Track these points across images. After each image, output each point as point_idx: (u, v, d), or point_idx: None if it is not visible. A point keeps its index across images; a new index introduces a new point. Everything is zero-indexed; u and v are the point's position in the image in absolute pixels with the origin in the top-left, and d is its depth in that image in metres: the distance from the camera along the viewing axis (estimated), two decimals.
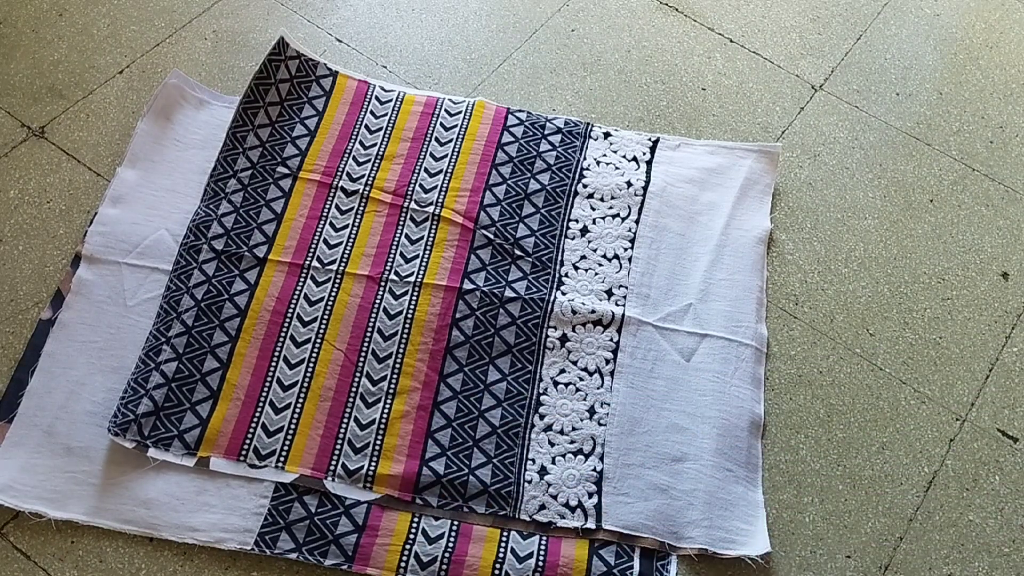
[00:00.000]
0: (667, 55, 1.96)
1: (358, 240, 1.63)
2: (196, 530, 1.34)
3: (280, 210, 1.66)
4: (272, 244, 1.61)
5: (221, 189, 1.66)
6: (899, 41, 2.01)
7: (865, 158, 1.81)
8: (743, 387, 1.51)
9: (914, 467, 1.47)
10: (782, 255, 1.68)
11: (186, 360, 1.47)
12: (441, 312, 1.55)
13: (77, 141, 1.74)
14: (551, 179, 1.73)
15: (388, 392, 1.48)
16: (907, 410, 1.52)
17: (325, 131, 1.76)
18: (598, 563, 1.34)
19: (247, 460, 1.40)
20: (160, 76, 1.83)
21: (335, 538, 1.34)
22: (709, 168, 1.76)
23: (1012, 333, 1.61)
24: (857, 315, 1.62)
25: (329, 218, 1.66)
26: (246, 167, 1.69)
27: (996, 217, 1.74)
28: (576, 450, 1.45)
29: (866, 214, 1.74)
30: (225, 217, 1.63)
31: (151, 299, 1.54)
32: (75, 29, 1.90)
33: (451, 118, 1.79)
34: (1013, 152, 1.84)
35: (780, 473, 1.46)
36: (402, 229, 1.65)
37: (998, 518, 1.43)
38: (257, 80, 1.76)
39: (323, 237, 1.63)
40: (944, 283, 1.66)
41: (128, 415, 1.40)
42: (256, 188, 1.67)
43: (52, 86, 1.81)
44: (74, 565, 1.32)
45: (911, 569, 1.38)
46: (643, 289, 1.61)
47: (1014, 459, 1.48)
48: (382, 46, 1.93)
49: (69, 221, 1.64)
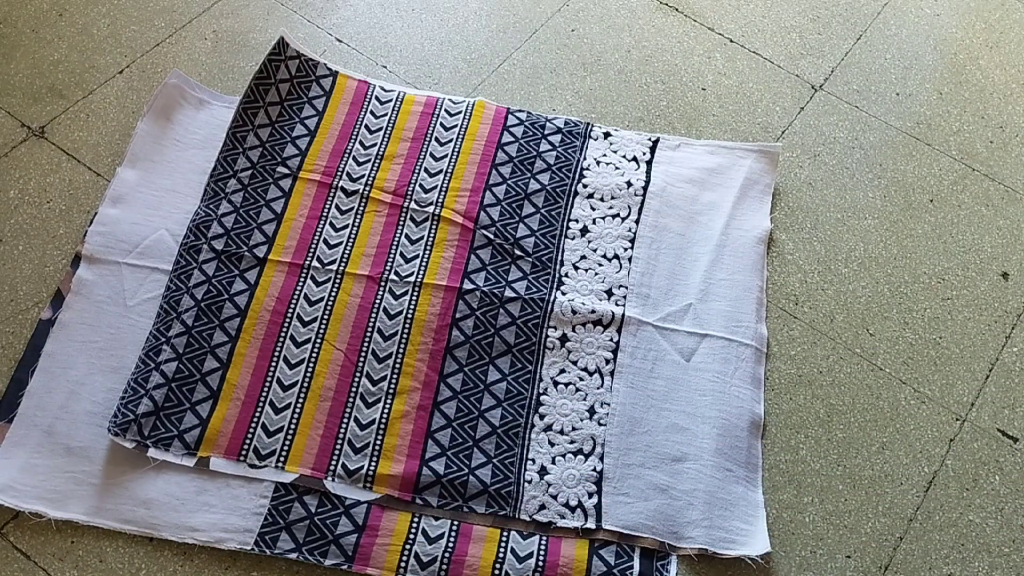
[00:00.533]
0: (667, 55, 1.96)
1: (358, 240, 1.63)
2: (196, 530, 1.34)
3: (280, 210, 1.66)
4: (272, 244, 1.61)
5: (221, 189, 1.66)
6: (899, 41, 2.01)
7: (865, 158, 1.81)
8: (743, 387, 1.51)
9: (914, 467, 1.47)
10: (782, 255, 1.68)
11: (186, 360, 1.47)
12: (441, 312, 1.55)
13: (77, 141, 1.74)
14: (551, 179, 1.73)
15: (388, 392, 1.48)
16: (907, 410, 1.52)
17: (325, 131, 1.76)
18: (598, 563, 1.34)
19: (247, 460, 1.40)
20: (160, 76, 1.83)
21: (335, 538, 1.34)
22: (709, 168, 1.76)
23: (1012, 333, 1.61)
24: (857, 315, 1.62)
25: (329, 218, 1.66)
26: (246, 167, 1.69)
27: (996, 217, 1.74)
28: (576, 450, 1.45)
29: (866, 214, 1.74)
30: (225, 217, 1.63)
31: (151, 299, 1.54)
32: (75, 29, 1.90)
33: (451, 118, 1.79)
34: (1013, 152, 1.84)
35: (780, 473, 1.46)
36: (402, 229, 1.65)
37: (998, 518, 1.43)
38: (257, 80, 1.76)
39: (323, 237, 1.63)
40: (944, 283, 1.66)
41: (128, 415, 1.40)
42: (256, 188, 1.67)
43: (52, 86, 1.81)
44: (74, 565, 1.32)
45: (911, 569, 1.38)
46: (643, 289, 1.61)
47: (1014, 459, 1.48)
48: (382, 46, 1.93)
49: (69, 221, 1.64)
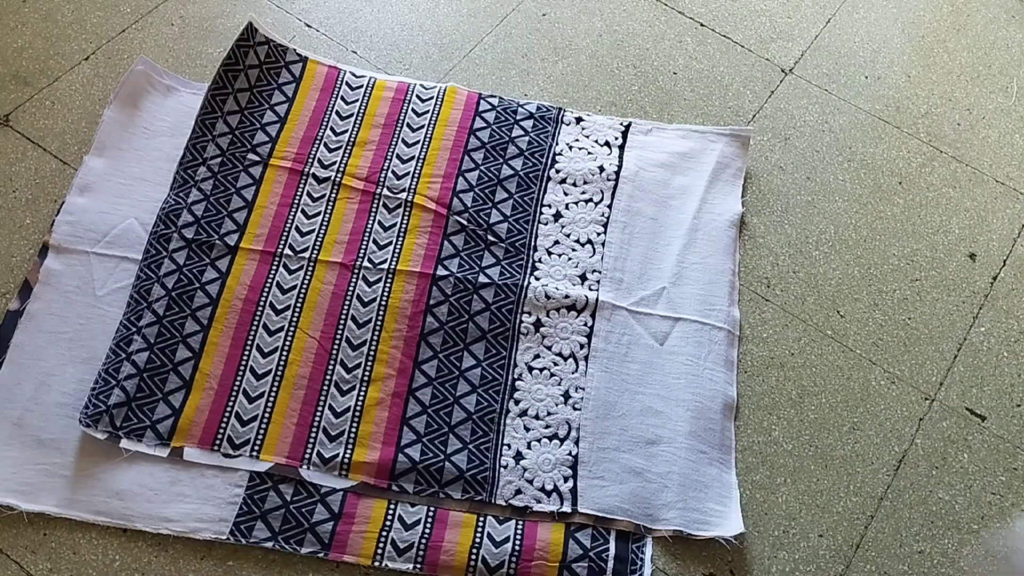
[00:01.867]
0: (638, 39, 1.96)
1: (330, 227, 1.62)
2: (170, 520, 1.34)
3: (251, 197, 1.64)
4: (243, 232, 1.60)
5: (191, 177, 1.65)
6: (868, 24, 2.02)
7: (835, 141, 1.83)
8: (716, 370, 1.52)
9: (884, 446, 1.49)
10: (754, 238, 1.69)
11: (158, 350, 1.46)
12: (415, 299, 1.55)
13: (43, 129, 1.71)
14: (524, 164, 1.72)
15: (363, 379, 1.48)
16: (877, 390, 1.54)
17: (296, 117, 1.74)
18: (574, 546, 1.35)
19: (221, 449, 1.40)
20: (126, 63, 1.80)
21: (311, 526, 1.34)
22: (681, 152, 1.77)
23: (979, 313, 1.63)
24: (828, 297, 1.63)
25: (301, 205, 1.64)
26: (216, 154, 1.68)
27: (963, 199, 1.76)
28: (551, 435, 1.45)
29: (836, 196, 1.75)
30: (195, 205, 1.61)
31: (121, 289, 1.53)
32: (39, 15, 1.87)
33: (423, 104, 1.78)
34: (980, 134, 1.86)
35: (753, 454, 1.47)
36: (375, 216, 1.64)
37: (967, 495, 1.45)
38: (226, 66, 1.74)
39: (295, 224, 1.62)
40: (913, 264, 1.68)
41: (99, 406, 1.39)
42: (226, 175, 1.66)
43: (16, 73, 1.78)
44: (47, 557, 1.31)
45: (882, 547, 1.40)
46: (616, 274, 1.61)
47: (982, 437, 1.51)
48: (352, 31, 1.91)
49: (36, 210, 1.61)
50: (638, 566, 1.34)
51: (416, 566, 1.32)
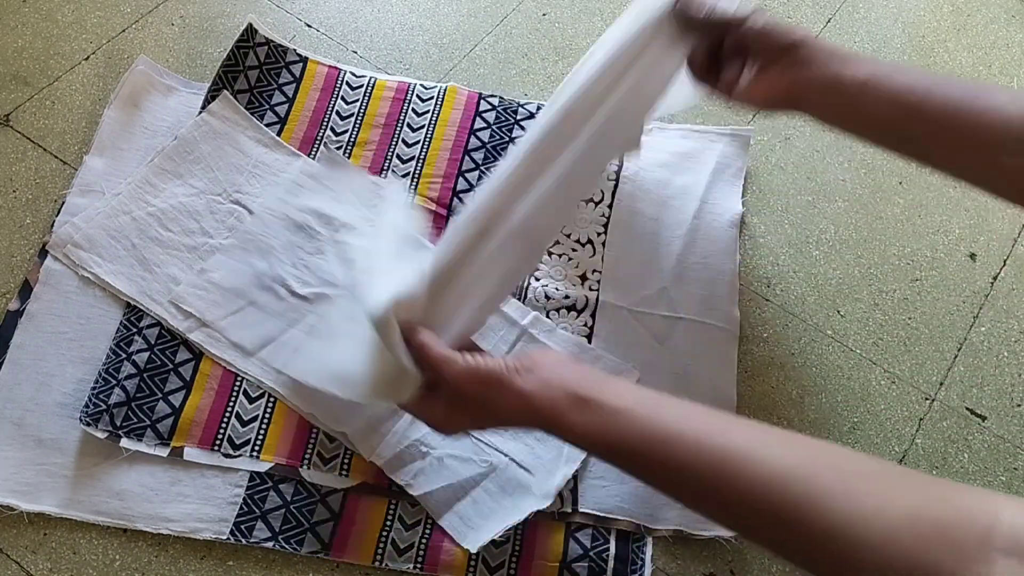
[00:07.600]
0: None
1: None
2: (171, 520, 1.34)
3: None
4: None
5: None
6: (868, 24, 2.02)
7: (835, 141, 1.83)
8: (717, 370, 1.52)
9: (885, 446, 1.49)
10: (754, 238, 1.69)
11: (158, 350, 1.46)
12: None
13: (43, 129, 1.71)
14: None
15: None
16: (878, 390, 1.54)
17: (296, 118, 1.74)
18: (575, 546, 1.35)
19: (221, 450, 1.40)
20: (127, 63, 1.80)
21: (311, 526, 1.34)
22: (681, 152, 1.77)
23: (980, 313, 1.63)
24: (828, 297, 1.63)
25: None
26: None
27: (963, 199, 1.76)
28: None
29: (836, 196, 1.75)
30: None
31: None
32: (39, 15, 1.87)
33: (423, 104, 1.78)
34: None
35: None
36: None
37: None
38: (225, 67, 1.74)
39: None
40: (913, 264, 1.68)
41: (100, 405, 1.39)
42: None
43: (16, 73, 1.78)
44: (47, 557, 1.31)
45: None
46: (617, 273, 1.61)
47: (982, 437, 1.51)
48: (352, 31, 1.91)
49: (36, 211, 1.62)
50: (638, 566, 1.34)
51: (416, 566, 1.32)
